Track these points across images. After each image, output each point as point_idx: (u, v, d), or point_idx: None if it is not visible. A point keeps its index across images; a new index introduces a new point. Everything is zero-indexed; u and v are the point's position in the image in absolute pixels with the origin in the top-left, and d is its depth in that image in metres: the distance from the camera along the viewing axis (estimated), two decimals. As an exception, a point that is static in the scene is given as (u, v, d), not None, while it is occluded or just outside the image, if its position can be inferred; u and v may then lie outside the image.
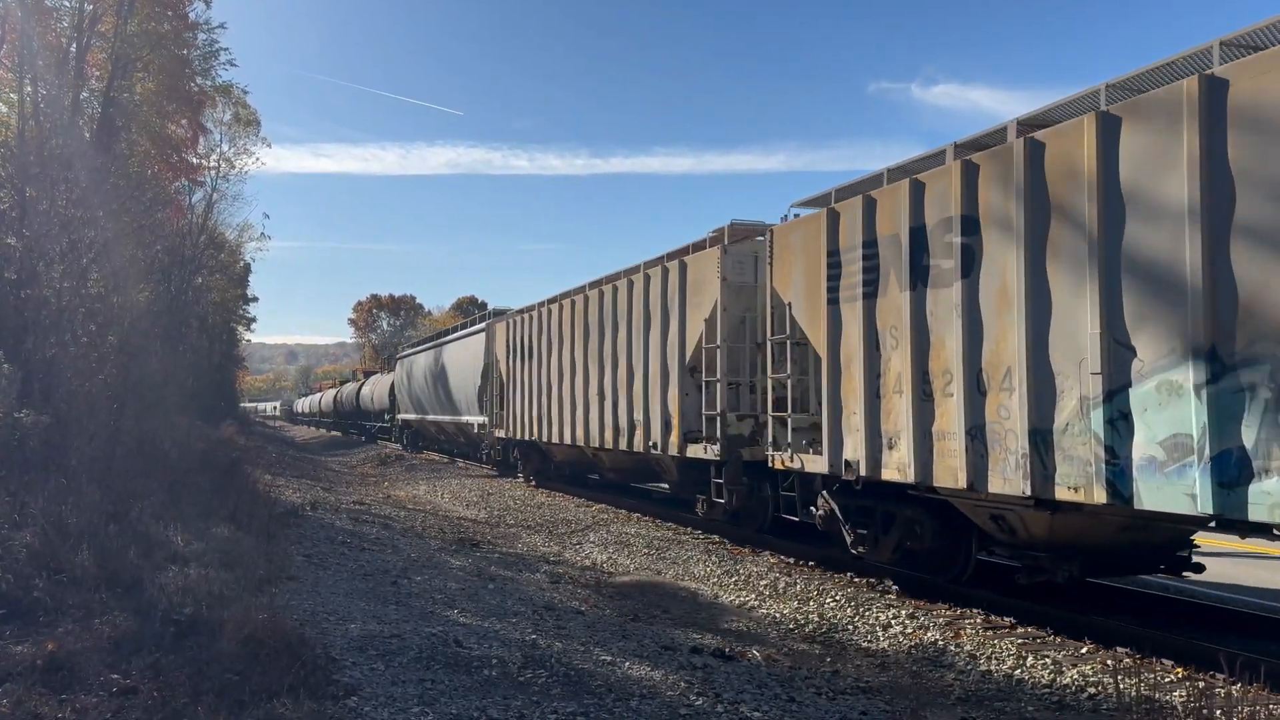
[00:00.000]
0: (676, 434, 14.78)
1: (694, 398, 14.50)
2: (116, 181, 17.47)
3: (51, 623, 6.71)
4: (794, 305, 11.43)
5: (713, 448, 13.69)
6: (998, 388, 8.32)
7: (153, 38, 20.97)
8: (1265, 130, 6.26)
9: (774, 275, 11.98)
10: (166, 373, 22.95)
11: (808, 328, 11.16)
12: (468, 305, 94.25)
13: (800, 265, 11.27)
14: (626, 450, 16.85)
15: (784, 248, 11.75)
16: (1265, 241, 6.24)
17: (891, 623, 9.15)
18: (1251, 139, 6.35)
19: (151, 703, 5.30)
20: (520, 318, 23.25)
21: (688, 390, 14.66)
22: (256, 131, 33.67)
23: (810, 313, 11.06)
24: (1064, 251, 7.72)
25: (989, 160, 8.53)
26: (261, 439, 45.07)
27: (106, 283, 16.15)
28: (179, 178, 29.49)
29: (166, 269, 25.93)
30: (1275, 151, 6.21)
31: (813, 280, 11.00)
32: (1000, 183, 8.34)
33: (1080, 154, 7.53)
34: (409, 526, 15.92)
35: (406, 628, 7.69)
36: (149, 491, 11.87)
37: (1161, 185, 6.90)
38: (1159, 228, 6.92)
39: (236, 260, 43.36)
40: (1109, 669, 7.28)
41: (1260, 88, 6.31)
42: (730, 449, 13.44)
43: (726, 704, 6.22)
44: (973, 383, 8.59)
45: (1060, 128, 7.90)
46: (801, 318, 11.29)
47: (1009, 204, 8.21)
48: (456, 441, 34.06)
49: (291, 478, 24.73)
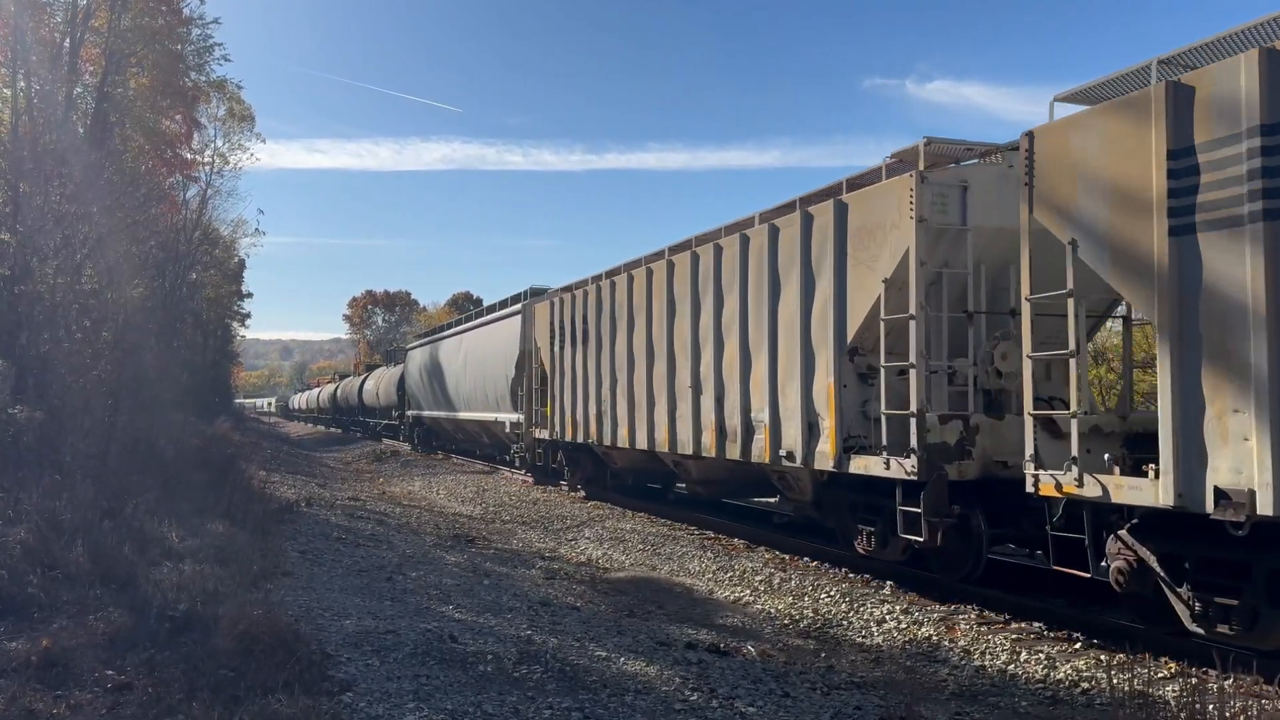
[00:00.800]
0: (831, 441, 10.74)
1: (856, 390, 10.77)
2: (110, 177, 17.43)
3: (46, 619, 6.70)
4: (1084, 243, 7.62)
5: (903, 462, 9.57)
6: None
7: (146, 33, 20.92)
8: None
9: (1039, 202, 8.07)
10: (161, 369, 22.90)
11: (1121, 277, 7.38)
12: (463, 301, 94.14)
13: (1100, 181, 7.47)
14: (733, 459, 12.93)
15: (1062, 157, 7.83)
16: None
17: (886, 618, 9.17)
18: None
19: (146, 699, 5.31)
20: (569, 296, 19.26)
21: (846, 380, 10.71)
22: (251, 127, 33.56)
23: (1127, 253, 7.26)
24: None
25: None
26: (256, 435, 44.99)
27: (101, 278, 16.12)
28: (173, 173, 29.41)
29: (161, 265, 25.85)
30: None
31: (1132, 200, 7.20)
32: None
33: None
34: (404, 523, 15.92)
35: (401, 623, 7.69)
36: (144, 488, 11.85)
37: None
38: None
39: (231, 256, 43.25)
40: (1102, 664, 7.31)
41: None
42: (932, 464, 9.38)
43: (721, 699, 6.24)
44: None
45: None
46: (1105, 261, 7.46)
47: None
48: (479, 442, 30.51)
49: (286, 474, 24.70)
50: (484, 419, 27.48)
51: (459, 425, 31.26)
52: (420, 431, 38.00)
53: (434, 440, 37.00)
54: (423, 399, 36.26)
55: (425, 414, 36.02)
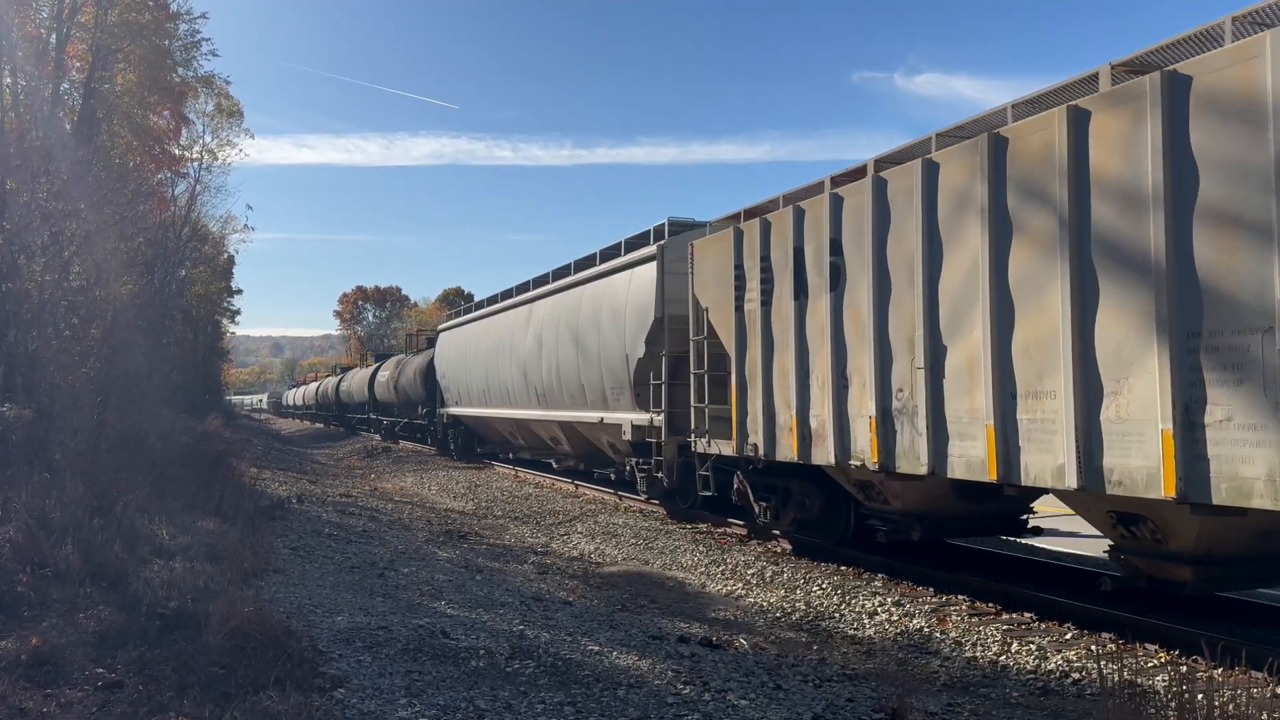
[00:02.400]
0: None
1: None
2: (98, 173, 17.32)
3: (36, 617, 6.68)
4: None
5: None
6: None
7: (133, 28, 20.77)
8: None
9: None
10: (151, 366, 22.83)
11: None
12: (454, 296, 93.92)
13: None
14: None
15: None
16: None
17: (878, 610, 9.20)
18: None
19: (137, 696, 5.29)
20: (789, 215, 11.29)
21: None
22: (239, 122, 33.40)
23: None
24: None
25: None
26: (248, 432, 44.89)
27: (89, 276, 16.04)
28: (161, 169, 29.26)
29: (150, 261, 25.73)
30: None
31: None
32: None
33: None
34: (396, 519, 15.90)
35: (393, 619, 7.68)
36: (133, 485, 11.80)
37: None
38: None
39: (220, 252, 43.11)
40: (1092, 654, 7.34)
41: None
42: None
43: (714, 692, 6.24)
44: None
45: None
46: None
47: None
48: (559, 452, 22.01)
49: (277, 470, 24.65)
50: (578, 420, 19.02)
51: (526, 429, 23.03)
52: (458, 434, 30.50)
53: (478, 446, 30.11)
54: (464, 392, 28.09)
55: (468, 412, 27.86)
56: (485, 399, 25.79)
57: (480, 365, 26.13)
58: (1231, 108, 6.32)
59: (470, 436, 30.13)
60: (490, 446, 29.04)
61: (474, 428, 28.91)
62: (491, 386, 24.98)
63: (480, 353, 26.13)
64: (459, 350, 28.91)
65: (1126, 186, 7.01)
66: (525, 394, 22.22)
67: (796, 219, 11.04)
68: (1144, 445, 6.85)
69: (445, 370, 30.55)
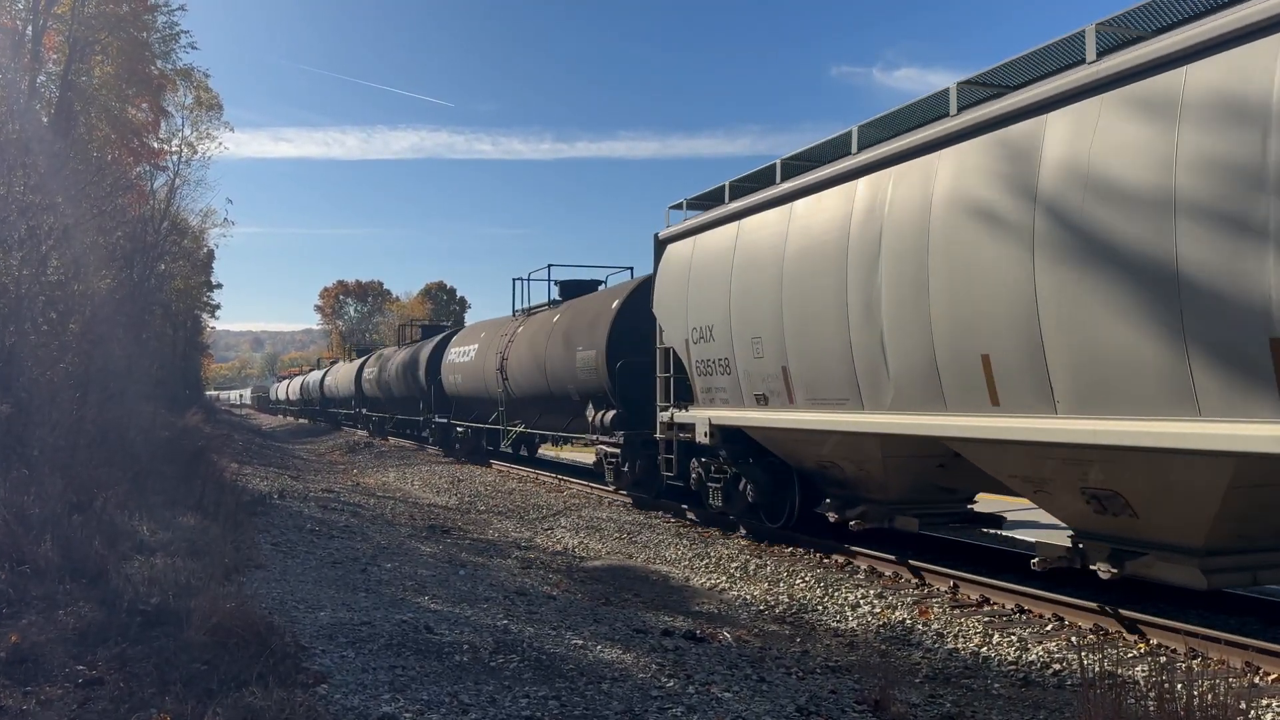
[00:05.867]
0: None
1: None
2: (76, 167, 17.14)
3: (15, 614, 6.62)
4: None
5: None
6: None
7: (111, 20, 20.56)
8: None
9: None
10: (130, 360, 22.60)
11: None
12: (436, 291, 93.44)
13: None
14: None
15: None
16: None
17: (860, 602, 9.24)
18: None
19: (118, 693, 5.26)
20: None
21: None
22: (219, 115, 33.04)
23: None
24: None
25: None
26: (228, 427, 44.59)
27: (67, 270, 15.87)
28: (140, 162, 28.96)
29: (128, 255, 25.46)
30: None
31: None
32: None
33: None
34: (379, 514, 15.85)
35: (377, 615, 7.66)
36: (113, 481, 11.71)
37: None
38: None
39: (200, 246, 42.71)
40: (1073, 645, 7.40)
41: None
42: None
43: (698, 685, 6.26)
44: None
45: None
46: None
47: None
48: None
49: (259, 466, 24.52)
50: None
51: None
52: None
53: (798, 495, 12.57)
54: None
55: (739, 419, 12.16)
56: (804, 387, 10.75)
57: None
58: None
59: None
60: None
61: (782, 452, 11.90)
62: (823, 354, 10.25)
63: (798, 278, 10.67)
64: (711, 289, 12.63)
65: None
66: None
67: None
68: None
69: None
